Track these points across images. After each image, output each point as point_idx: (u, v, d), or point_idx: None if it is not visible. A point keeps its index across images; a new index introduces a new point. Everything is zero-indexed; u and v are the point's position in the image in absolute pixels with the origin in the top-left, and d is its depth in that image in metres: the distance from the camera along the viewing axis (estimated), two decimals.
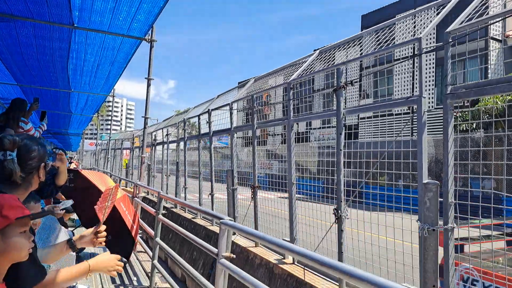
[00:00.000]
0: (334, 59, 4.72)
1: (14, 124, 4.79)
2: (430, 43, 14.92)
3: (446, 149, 2.96)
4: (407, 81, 18.81)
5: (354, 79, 3.80)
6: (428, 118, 3.25)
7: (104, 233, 2.30)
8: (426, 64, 19.59)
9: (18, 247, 1.46)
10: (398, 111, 17.37)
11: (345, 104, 4.10)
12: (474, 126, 12.78)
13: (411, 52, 17.45)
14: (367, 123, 21.64)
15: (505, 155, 3.05)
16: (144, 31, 4.81)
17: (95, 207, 2.70)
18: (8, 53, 6.07)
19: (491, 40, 19.29)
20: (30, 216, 1.50)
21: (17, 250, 1.46)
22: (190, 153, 10.11)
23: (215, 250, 2.84)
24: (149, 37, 8.76)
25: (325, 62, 4.80)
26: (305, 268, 4.30)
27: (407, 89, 20.14)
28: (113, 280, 4.72)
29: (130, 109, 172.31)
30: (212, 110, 7.47)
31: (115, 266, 2.12)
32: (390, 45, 3.76)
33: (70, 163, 17.09)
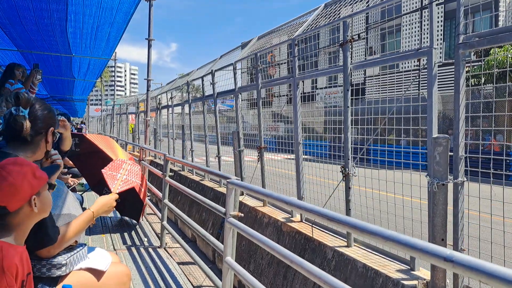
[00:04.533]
0: (340, 14, 4.54)
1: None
2: None
3: (457, 102, 2.87)
4: (416, 35, 18.28)
5: (361, 32, 3.65)
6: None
7: (117, 197, 2.37)
8: (435, 18, 18.95)
9: (49, 203, 1.59)
10: (406, 67, 17.02)
11: (352, 60, 3.97)
12: (483, 81, 12.52)
13: (419, 5, 16.86)
14: (374, 81, 21.29)
15: None
16: None
17: (102, 170, 2.70)
18: (5, 18, 5.93)
19: None
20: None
21: (49, 206, 1.59)
22: (196, 117, 10.05)
23: (222, 209, 2.84)
24: None
25: (330, 17, 4.62)
26: (313, 225, 4.33)
27: (416, 43, 19.62)
28: (124, 241, 4.81)
29: (134, 74, 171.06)
30: (216, 71, 7.34)
31: (112, 205, 2.27)
32: None
33: (79, 129, 17.17)
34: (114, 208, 2.44)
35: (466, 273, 0.97)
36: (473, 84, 12.64)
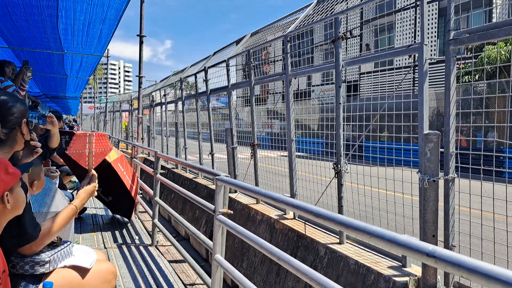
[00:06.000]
0: (333, 10, 4.52)
1: None
2: None
3: (448, 98, 2.86)
4: (409, 33, 18.31)
5: (353, 28, 3.63)
6: (429, 70, 3.12)
7: (95, 175, 2.31)
8: (428, 15, 19.02)
9: (23, 199, 1.55)
10: (398, 64, 17.05)
11: (346, 56, 3.95)
12: (476, 78, 12.55)
13: (414, 1, 16.83)
14: (367, 79, 21.30)
15: (508, 103, 2.94)
16: None
17: (66, 152, 2.62)
18: None
19: None
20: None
21: (22, 202, 1.55)
22: (189, 114, 10.01)
23: (212, 206, 2.82)
24: None
25: (323, 13, 4.60)
26: (306, 222, 4.32)
27: (409, 40, 19.63)
28: (115, 239, 4.77)
29: (128, 71, 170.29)
30: (209, 67, 7.30)
31: (91, 189, 2.21)
32: None
33: (71, 127, 17.04)
34: (106, 206, 2.42)
35: (448, 268, 0.95)
36: (467, 81, 12.68)
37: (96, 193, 2.27)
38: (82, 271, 2.03)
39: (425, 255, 1.01)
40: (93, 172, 2.30)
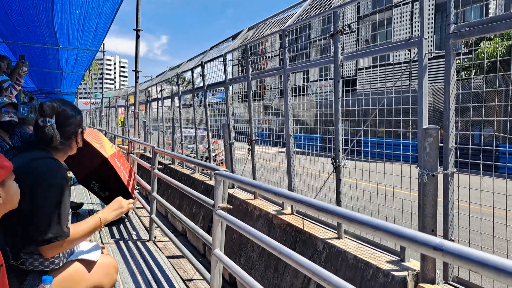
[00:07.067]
0: (331, 4, 4.49)
1: None
2: None
3: (448, 92, 2.85)
4: (407, 27, 18.31)
5: (352, 22, 3.62)
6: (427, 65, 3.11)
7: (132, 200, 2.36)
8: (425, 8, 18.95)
9: (17, 193, 1.54)
10: (395, 60, 17.04)
11: (343, 51, 3.93)
12: (473, 73, 12.58)
13: None
14: (365, 74, 21.30)
15: (510, 95, 2.93)
16: None
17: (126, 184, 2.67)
18: None
19: None
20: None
21: (16, 196, 1.54)
22: (186, 110, 9.96)
23: (211, 201, 2.80)
24: None
25: (321, 8, 4.57)
26: (304, 217, 4.31)
27: (407, 36, 19.64)
28: (112, 235, 4.75)
29: (124, 67, 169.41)
30: (205, 62, 7.26)
31: (124, 206, 2.21)
32: None
33: None
34: (103, 202, 2.43)
35: (456, 261, 0.94)
36: (464, 76, 12.71)
37: (124, 209, 2.25)
38: (87, 264, 2.03)
39: (432, 249, 0.99)
40: (132, 201, 2.31)
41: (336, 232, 3.80)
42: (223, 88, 6.82)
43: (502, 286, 2.85)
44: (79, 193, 6.78)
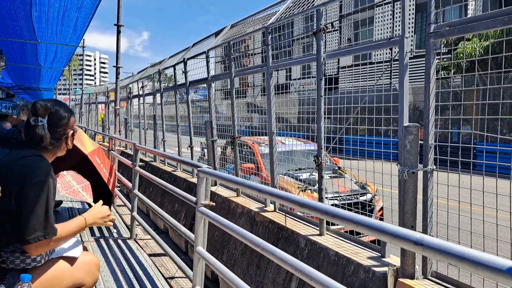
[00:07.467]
0: (314, 3, 4.51)
1: None
2: None
3: (428, 91, 2.90)
4: (388, 26, 18.54)
5: (334, 21, 3.64)
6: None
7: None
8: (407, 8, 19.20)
9: None
10: (378, 58, 17.24)
11: (325, 49, 3.96)
12: (452, 73, 12.84)
13: None
14: (347, 73, 21.49)
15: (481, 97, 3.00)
16: None
17: (64, 193, 2.64)
18: None
19: None
20: None
21: None
22: (168, 107, 9.87)
23: (193, 198, 2.79)
24: None
25: (304, 6, 4.59)
26: (286, 214, 4.33)
27: (388, 34, 19.90)
28: (92, 233, 4.68)
29: (104, 63, 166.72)
30: (188, 59, 7.20)
31: (109, 217, 2.19)
32: None
33: None
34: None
35: (436, 255, 0.96)
36: (442, 76, 12.96)
37: (107, 222, 2.21)
38: (68, 262, 2.01)
39: (413, 243, 1.01)
40: (106, 207, 2.26)
41: (318, 229, 3.83)
42: (205, 85, 6.78)
43: (478, 280, 2.92)
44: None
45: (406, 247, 1.06)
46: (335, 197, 4.41)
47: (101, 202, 2.24)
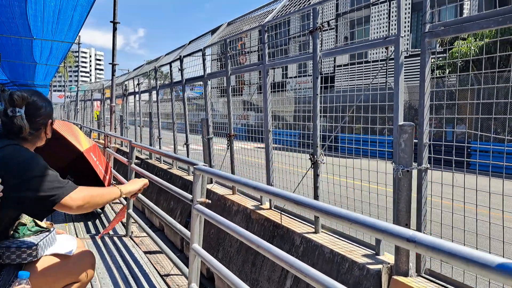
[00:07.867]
0: (310, 1, 4.52)
1: None
2: None
3: (423, 90, 2.92)
4: (384, 26, 18.58)
5: (331, 19, 3.65)
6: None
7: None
8: (402, 8, 19.28)
9: None
10: (374, 56, 17.28)
11: (322, 47, 3.97)
12: (447, 72, 12.90)
13: None
14: (343, 71, 21.53)
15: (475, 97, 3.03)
16: None
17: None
18: None
19: None
20: None
21: None
22: (164, 105, 9.85)
23: (189, 196, 2.80)
24: None
25: (300, 4, 4.59)
26: (282, 212, 4.35)
27: (384, 33, 19.95)
28: (88, 230, 4.68)
29: (99, 60, 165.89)
30: (184, 56, 7.20)
31: (144, 183, 2.22)
32: None
33: None
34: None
35: (428, 252, 0.97)
36: (438, 74, 13.01)
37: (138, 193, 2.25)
38: (64, 258, 2.00)
39: (406, 240, 1.03)
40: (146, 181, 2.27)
41: (314, 226, 3.85)
42: (201, 82, 6.78)
43: (470, 277, 2.95)
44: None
45: (399, 244, 1.07)
46: None
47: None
